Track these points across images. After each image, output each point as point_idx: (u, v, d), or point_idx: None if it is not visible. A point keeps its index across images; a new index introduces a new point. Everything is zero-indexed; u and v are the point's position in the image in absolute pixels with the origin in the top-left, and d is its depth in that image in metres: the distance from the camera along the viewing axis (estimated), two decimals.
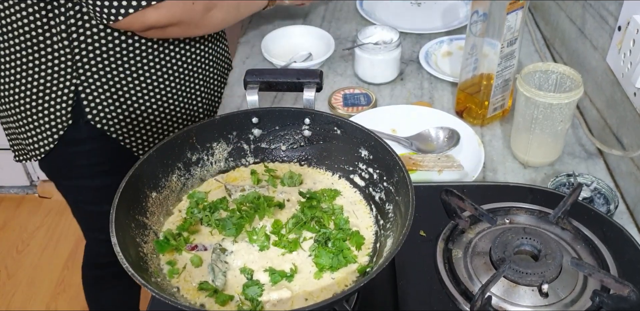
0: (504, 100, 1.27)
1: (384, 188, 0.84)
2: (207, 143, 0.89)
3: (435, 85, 1.41)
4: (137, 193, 0.79)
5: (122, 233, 0.72)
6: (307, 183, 0.91)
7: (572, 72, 1.09)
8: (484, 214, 0.90)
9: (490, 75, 1.21)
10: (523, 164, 1.19)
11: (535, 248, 0.85)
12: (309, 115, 0.91)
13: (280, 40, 1.54)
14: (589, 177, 1.07)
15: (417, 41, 1.56)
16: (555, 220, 0.91)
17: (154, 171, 0.83)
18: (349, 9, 1.70)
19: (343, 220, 0.83)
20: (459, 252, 0.89)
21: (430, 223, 0.92)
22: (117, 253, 0.68)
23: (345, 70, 1.48)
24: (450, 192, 0.90)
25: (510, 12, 1.12)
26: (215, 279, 0.75)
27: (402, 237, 0.70)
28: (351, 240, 0.81)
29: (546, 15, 1.55)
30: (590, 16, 1.25)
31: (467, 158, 1.17)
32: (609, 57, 1.15)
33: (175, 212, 0.85)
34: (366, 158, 0.88)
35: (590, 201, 1.06)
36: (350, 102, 1.34)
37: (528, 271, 0.81)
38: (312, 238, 0.81)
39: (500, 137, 1.26)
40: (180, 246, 0.79)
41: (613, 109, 1.16)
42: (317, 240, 0.81)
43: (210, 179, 0.91)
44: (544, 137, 1.13)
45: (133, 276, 0.65)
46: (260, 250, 0.80)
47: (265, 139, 0.93)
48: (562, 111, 1.07)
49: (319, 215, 0.83)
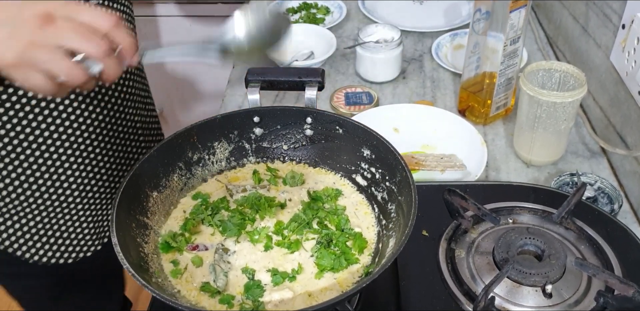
0: (506, 99, 1.26)
1: (386, 187, 0.84)
2: (208, 143, 0.89)
3: (437, 84, 1.40)
4: (138, 193, 0.79)
5: (123, 233, 0.71)
6: (309, 182, 0.91)
7: (576, 70, 1.08)
8: (487, 214, 0.89)
9: (493, 74, 1.20)
10: (526, 163, 1.18)
11: (538, 248, 0.85)
12: (310, 114, 0.91)
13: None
14: (593, 176, 1.06)
15: (420, 39, 1.55)
16: (559, 220, 0.90)
17: (155, 170, 0.82)
18: (351, 7, 1.69)
19: (344, 219, 0.83)
20: (461, 252, 0.88)
21: (433, 223, 0.92)
22: (117, 253, 0.67)
23: (347, 69, 1.47)
24: (453, 191, 0.89)
25: (513, 10, 1.11)
26: (216, 279, 0.74)
27: (405, 237, 0.69)
28: (354, 243, 0.80)
29: (549, 14, 1.54)
30: (594, 14, 1.24)
31: (470, 157, 1.16)
32: (613, 55, 1.15)
33: (178, 212, 0.85)
34: (368, 157, 0.87)
35: (594, 200, 1.05)
36: (352, 100, 1.34)
37: (532, 272, 0.81)
38: (315, 238, 0.81)
39: (503, 136, 1.25)
40: (181, 247, 0.78)
41: (617, 108, 1.15)
42: (320, 241, 0.80)
43: (212, 179, 0.90)
44: (547, 136, 1.12)
45: (134, 276, 0.65)
46: (265, 250, 0.79)
47: (267, 138, 0.93)
48: (566, 110, 1.07)
49: (321, 215, 0.82)
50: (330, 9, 1.70)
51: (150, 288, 0.64)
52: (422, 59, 1.49)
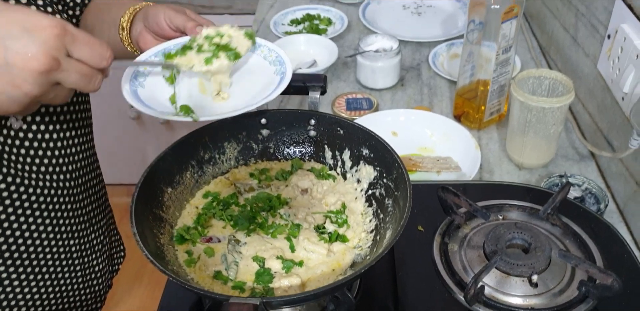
0: (500, 105, 1.33)
1: (383, 184, 0.90)
2: (219, 142, 0.95)
3: (434, 91, 1.47)
4: (153, 189, 0.85)
5: (141, 225, 0.77)
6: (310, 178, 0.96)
7: (564, 77, 1.14)
8: (479, 210, 0.95)
9: (486, 81, 1.27)
10: (518, 166, 1.25)
11: (525, 241, 0.91)
12: (314, 116, 0.97)
13: (286, 48, 1.60)
14: (581, 178, 1.13)
15: (417, 49, 1.62)
16: (545, 216, 0.96)
17: (169, 168, 0.88)
18: (352, 18, 1.76)
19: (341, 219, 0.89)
20: (454, 246, 0.94)
21: (428, 219, 0.98)
22: (136, 242, 0.73)
23: (348, 76, 1.54)
24: (446, 189, 0.95)
25: (505, 21, 1.18)
26: (228, 268, 0.80)
27: (401, 228, 0.75)
28: None
29: (542, 24, 1.61)
30: (583, 25, 1.31)
31: (465, 160, 1.22)
32: (600, 63, 1.21)
33: (190, 207, 0.91)
34: (367, 156, 0.93)
35: (581, 200, 1.11)
36: (353, 106, 1.40)
37: (519, 263, 0.87)
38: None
39: (496, 140, 1.31)
40: (194, 239, 0.84)
41: (604, 113, 1.22)
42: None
43: (220, 177, 0.96)
44: (538, 140, 1.18)
45: (152, 263, 0.71)
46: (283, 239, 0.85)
47: (273, 139, 0.99)
48: (555, 115, 1.13)
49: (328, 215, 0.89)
50: (332, 20, 1.77)
51: (167, 272, 0.70)
52: (419, 67, 1.55)
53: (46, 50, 0.61)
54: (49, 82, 0.63)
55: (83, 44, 0.64)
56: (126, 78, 0.82)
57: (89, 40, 0.65)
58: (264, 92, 0.83)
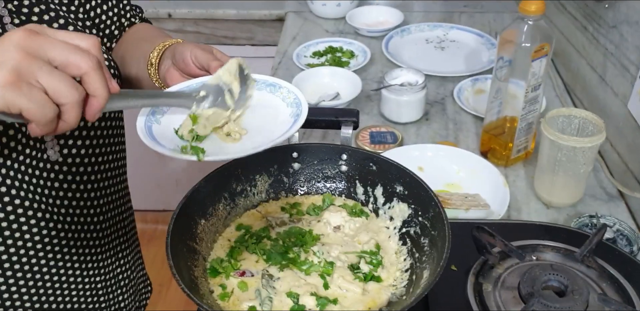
0: (527, 142, 1.32)
1: (419, 222, 0.89)
2: (251, 175, 0.94)
3: (459, 126, 1.46)
4: (188, 220, 0.84)
5: (177, 258, 0.76)
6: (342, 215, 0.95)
7: (595, 117, 1.14)
8: (513, 250, 0.94)
9: (514, 118, 1.26)
10: (546, 204, 1.23)
11: (562, 284, 0.89)
12: (346, 151, 0.96)
13: (309, 80, 1.61)
14: (611, 219, 1.11)
15: (441, 83, 1.63)
16: (581, 258, 0.94)
17: (203, 199, 0.87)
18: (375, 51, 1.77)
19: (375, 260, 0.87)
20: (488, 286, 0.92)
21: (461, 258, 0.96)
22: (173, 275, 0.72)
23: (372, 110, 1.54)
24: (481, 228, 0.94)
25: (535, 59, 1.18)
26: (262, 304, 0.79)
27: (441, 269, 0.74)
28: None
29: (567, 63, 1.61)
30: (612, 64, 1.31)
31: (493, 197, 1.21)
32: (631, 103, 1.21)
33: (223, 240, 0.89)
34: (401, 193, 0.92)
35: (613, 242, 1.09)
36: (377, 139, 1.40)
37: (556, 306, 0.85)
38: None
39: (523, 178, 1.30)
40: (227, 272, 0.83)
41: (635, 154, 1.21)
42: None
43: (252, 210, 0.95)
44: (567, 179, 1.17)
45: (189, 296, 0.69)
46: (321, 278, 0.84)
47: (304, 172, 0.98)
48: (585, 154, 1.12)
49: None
50: (355, 52, 1.78)
51: (204, 306, 0.69)
52: (444, 102, 1.55)
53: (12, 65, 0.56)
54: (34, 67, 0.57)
55: (59, 45, 0.58)
56: (142, 113, 0.82)
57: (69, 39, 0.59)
58: (275, 134, 0.81)
